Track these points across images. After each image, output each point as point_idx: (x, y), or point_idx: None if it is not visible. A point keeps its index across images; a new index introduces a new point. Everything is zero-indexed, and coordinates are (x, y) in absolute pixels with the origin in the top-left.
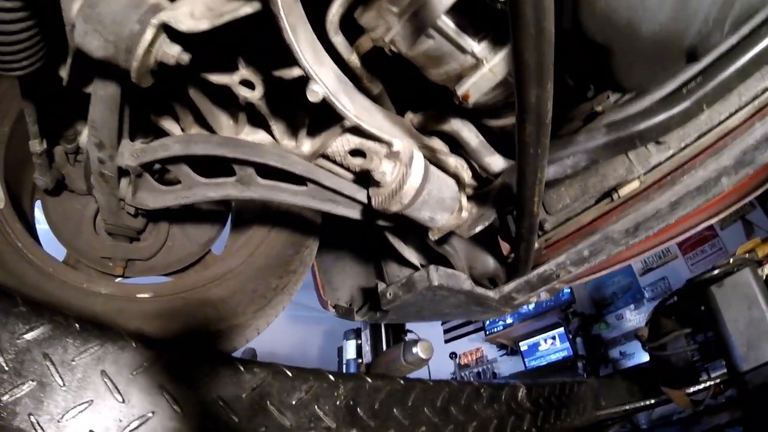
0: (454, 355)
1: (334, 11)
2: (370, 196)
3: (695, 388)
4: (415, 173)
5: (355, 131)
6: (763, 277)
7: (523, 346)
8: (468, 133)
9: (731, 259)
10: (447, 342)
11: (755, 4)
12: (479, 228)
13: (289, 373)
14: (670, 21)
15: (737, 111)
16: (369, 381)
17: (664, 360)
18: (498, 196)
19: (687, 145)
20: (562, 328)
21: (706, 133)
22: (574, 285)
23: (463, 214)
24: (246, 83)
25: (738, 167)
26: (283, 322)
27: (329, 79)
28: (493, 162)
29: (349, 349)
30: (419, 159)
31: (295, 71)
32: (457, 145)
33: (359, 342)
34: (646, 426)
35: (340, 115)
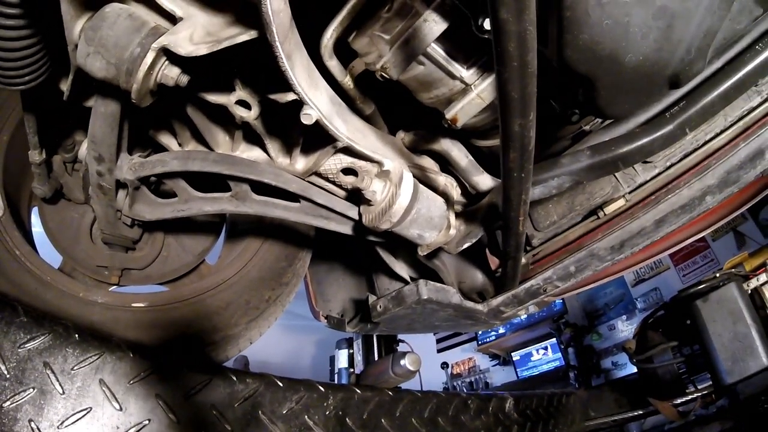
0: (446, 364)
1: (329, 36)
2: (361, 214)
3: (681, 400)
4: (405, 193)
5: (348, 151)
6: (748, 291)
7: (516, 356)
8: (458, 153)
9: (717, 274)
10: (439, 351)
11: (739, 30)
12: (466, 245)
13: (281, 384)
14: (653, 52)
15: (722, 132)
16: (358, 392)
17: (651, 372)
18: (486, 215)
19: (672, 164)
20: (554, 339)
21: (691, 153)
22: (566, 296)
23: (452, 232)
24: (242, 103)
25: (722, 186)
26: (276, 331)
27: (323, 103)
28: (482, 181)
29: (341, 359)
30: (408, 179)
31: (290, 96)
32: (447, 164)
33: (351, 351)
34: None
35: (333, 137)
